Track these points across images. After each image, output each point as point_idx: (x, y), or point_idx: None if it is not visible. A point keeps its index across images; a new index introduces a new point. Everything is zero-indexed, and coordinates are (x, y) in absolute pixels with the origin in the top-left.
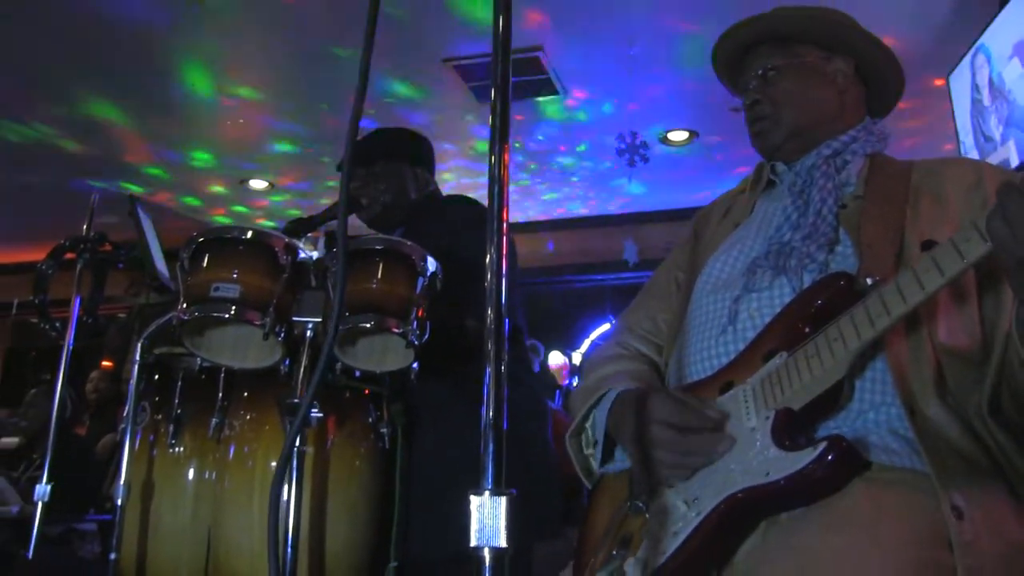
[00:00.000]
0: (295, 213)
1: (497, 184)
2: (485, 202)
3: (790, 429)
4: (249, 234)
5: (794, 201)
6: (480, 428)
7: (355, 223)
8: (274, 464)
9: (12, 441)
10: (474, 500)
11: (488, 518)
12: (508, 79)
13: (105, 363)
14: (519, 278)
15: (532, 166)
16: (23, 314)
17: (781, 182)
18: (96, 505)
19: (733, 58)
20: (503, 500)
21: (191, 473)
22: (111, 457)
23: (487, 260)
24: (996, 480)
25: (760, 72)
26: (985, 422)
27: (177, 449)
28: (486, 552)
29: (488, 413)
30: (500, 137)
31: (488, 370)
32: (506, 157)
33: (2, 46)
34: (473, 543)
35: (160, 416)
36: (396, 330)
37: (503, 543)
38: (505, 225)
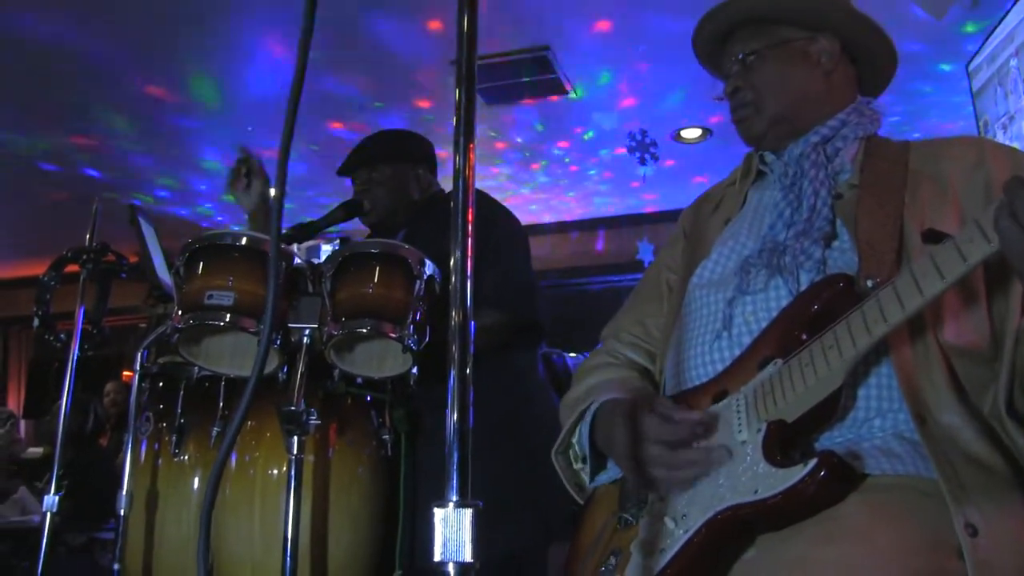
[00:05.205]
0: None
1: (462, 183)
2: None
3: (782, 443)
4: (243, 240)
5: (785, 195)
6: (482, 430)
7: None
8: (275, 472)
9: (37, 451)
10: (438, 512)
11: (452, 531)
12: (473, 76)
13: (127, 373)
14: (540, 279)
15: (543, 163)
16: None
17: (771, 172)
18: (116, 515)
19: (714, 44)
20: (468, 512)
21: (196, 482)
22: None
23: (455, 257)
24: (1013, 490)
25: (740, 57)
26: (1003, 422)
27: (181, 458)
28: (451, 568)
29: (453, 417)
30: (465, 134)
31: (453, 373)
32: (472, 156)
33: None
34: (437, 558)
35: (164, 425)
36: (393, 335)
37: (469, 558)
38: (470, 227)
